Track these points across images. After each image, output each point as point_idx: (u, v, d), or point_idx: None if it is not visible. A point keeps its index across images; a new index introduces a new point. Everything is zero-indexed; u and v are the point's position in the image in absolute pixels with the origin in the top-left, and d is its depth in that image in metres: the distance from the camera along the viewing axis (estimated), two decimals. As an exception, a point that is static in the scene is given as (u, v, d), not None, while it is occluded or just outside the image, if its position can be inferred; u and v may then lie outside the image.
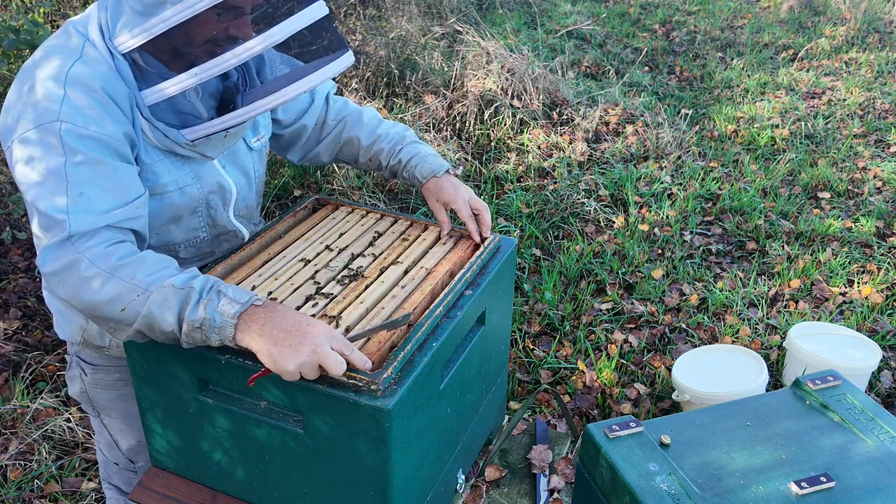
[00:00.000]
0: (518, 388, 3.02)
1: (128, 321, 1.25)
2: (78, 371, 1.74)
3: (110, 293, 1.24)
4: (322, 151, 1.88)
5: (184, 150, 1.44)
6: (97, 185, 1.28)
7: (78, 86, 1.30)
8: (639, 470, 1.46)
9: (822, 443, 1.53)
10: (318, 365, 1.22)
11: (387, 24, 5.85)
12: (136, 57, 1.35)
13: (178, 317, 1.23)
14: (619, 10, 8.10)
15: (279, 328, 1.22)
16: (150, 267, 1.27)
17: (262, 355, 1.22)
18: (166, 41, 1.34)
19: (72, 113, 1.28)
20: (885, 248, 3.99)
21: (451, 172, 1.81)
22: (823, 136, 5.29)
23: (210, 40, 1.34)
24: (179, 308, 1.23)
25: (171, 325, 1.23)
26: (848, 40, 7.27)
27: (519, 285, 3.60)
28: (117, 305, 1.24)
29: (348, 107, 1.87)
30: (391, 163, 1.82)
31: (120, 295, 1.24)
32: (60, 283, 1.26)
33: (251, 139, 1.66)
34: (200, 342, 1.25)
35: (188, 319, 1.22)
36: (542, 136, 5.01)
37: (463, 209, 1.74)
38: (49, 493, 2.47)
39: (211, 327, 1.22)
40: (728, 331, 3.33)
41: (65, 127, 1.27)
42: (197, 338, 1.24)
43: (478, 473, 1.90)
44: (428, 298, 1.53)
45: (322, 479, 1.40)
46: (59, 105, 1.28)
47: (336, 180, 4.25)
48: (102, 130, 1.30)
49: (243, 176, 1.64)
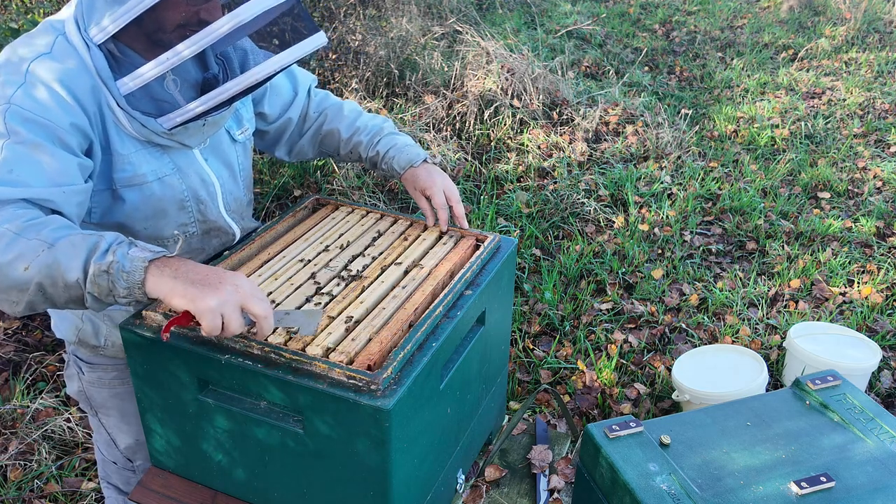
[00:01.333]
0: (518, 388, 3.02)
1: (29, 282, 1.18)
2: (76, 370, 1.75)
3: (14, 252, 1.17)
4: (305, 144, 1.89)
5: (162, 139, 1.45)
6: (29, 166, 1.26)
7: (36, 75, 1.32)
8: (639, 470, 1.46)
9: (822, 443, 1.53)
10: (241, 308, 1.18)
11: (387, 24, 5.85)
12: (111, 47, 1.37)
13: (85, 263, 1.16)
14: (619, 10, 8.11)
15: (194, 273, 1.18)
16: (57, 225, 1.22)
17: (176, 296, 1.15)
18: (138, 29, 1.35)
19: (23, 98, 1.30)
20: (885, 248, 3.99)
21: (428, 161, 1.81)
22: (823, 136, 5.29)
23: (181, 24, 1.35)
24: (87, 254, 1.17)
25: (76, 272, 1.16)
26: (848, 40, 7.27)
27: (519, 285, 3.60)
28: (21, 264, 1.17)
29: (329, 99, 1.88)
30: (370, 154, 1.83)
31: (24, 253, 1.17)
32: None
33: (235, 131, 1.66)
34: (106, 293, 1.17)
35: (95, 263, 1.16)
36: (542, 136, 5.01)
37: (436, 196, 1.74)
38: (49, 493, 2.47)
39: (119, 272, 1.15)
40: (728, 331, 3.33)
41: (11, 108, 1.28)
42: (103, 285, 1.16)
43: (478, 473, 1.90)
44: (429, 298, 1.53)
45: (322, 479, 1.40)
46: (14, 90, 1.30)
47: (336, 180, 4.25)
48: (48, 117, 1.30)
49: (226, 168, 1.64)
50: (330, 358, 1.34)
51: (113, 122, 1.40)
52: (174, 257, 1.22)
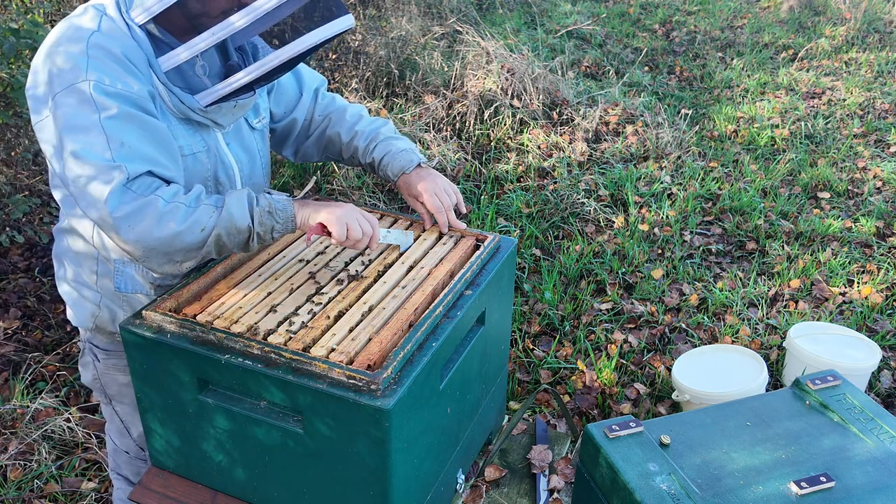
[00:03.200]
0: (518, 388, 3.02)
1: (205, 239, 1.42)
2: (91, 358, 1.75)
3: (190, 220, 1.39)
4: (311, 147, 1.90)
5: (198, 115, 1.51)
6: (134, 136, 1.37)
7: (99, 50, 1.37)
8: (639, 470, 1.46)
9: (821, 443, 1.53)
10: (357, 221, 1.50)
11: (387, 24, 5.85)
12: (151, 28, 1.44)
13: (250, 210, 1.44)
14: (619, 10, 8.11)
15: (324, 204, 1.52)
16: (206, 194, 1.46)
17: (318, 214, 1.49)
18: (181, 13, 1.43)
19: (98, 72, 1.35)
20: (884, 248, 3.99)
21: (422, 165, 1.81)
22: (823, 136, 5.29)
23: (225, 11, 1.40)
24: (249, 204, 1.45)
25: (246, 218, 1.44)
26: (848, 40, 7.27)
27: (519, 285, 3.60)
28: (197, 227, 1.40)
29: (335, 103, 1.88)
30: (367, 161, 1.84)
31: (199, 219, 1.40)
32: (131, 226, 1.36)
33: (253, 119, 1.70)
34: (269, 229, 1.47)
35: (259, 207, 1.45)
36: (542, 136, 5.01)
37: (428, 200, 1.75)
38: (49, 493, 2.47)
39: (276, 210, 1.47)
40: (728, 331, 3.33)
41: (93, 84, 1.34)
42: (266, 224, 1.46)
43: (478, 473, 1.90)
44: (429, 298, 1.53)
45: (322, 479, 1.40)
46: (86, 66, 1.35)
47: (336, 180, 4.25)
48: (127, 88, 1.38)
49: (246, 153, 1.69)
50: (330, 358, 1.34)
51: (157, 95, 1.46)
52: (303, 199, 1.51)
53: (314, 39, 1.40)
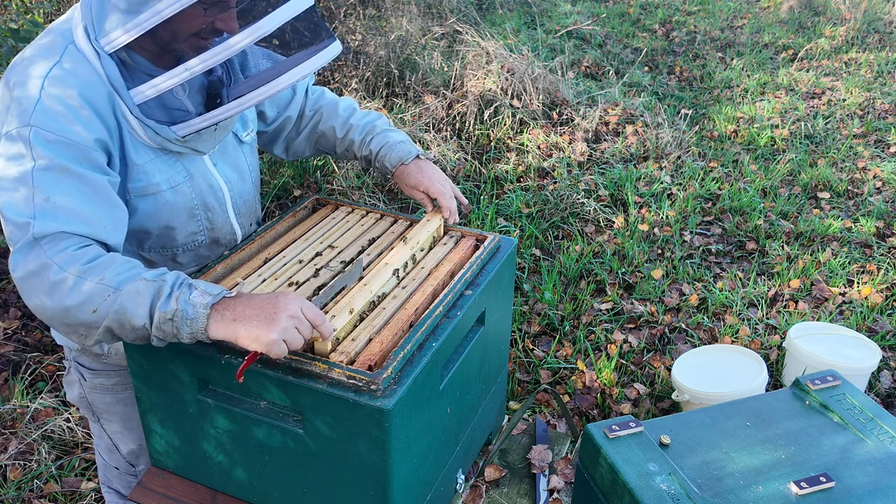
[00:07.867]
0: (518, 388, 3.02)
1: (98, 322, 1.24)
2: (77, 376, 1.73)
3: (81, 296, 1.23)
4: (302, 143, 1.87)
5: (176, 146, 1.45)
6: (62, 192, 1.27)
7: (53, 90, 1.30)
8: (639, 470, 1.46)
9: (821, 443, 1.53)
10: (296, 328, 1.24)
11: (387, 24, 5.85)
12: (123, 56, 1.35)
13: (150, 310, 1.22)
14: (619, 10, 8.10)
15: (251, 308, 1.23)
16: (119, 267, 1.26)
17: (241, 339, 1.22)
18: (151, 39, 1.33)
19: (43, 118, 1.28)
20: (884, 248, 3.99)
21: (420, 157, 1.79)
22: (823, 136, 5.29)
23: (195, 34, 1.34)
24: (151, 301, 1.22)
25: (142, 318, 1.22)
26: (848, 40, 7.27)
27: (519, 285, 3.60)
28: (89, 307, 1.23)
29: (325, 97, 1.86)
30: (364, 153, 1.82)
31: (91, 297, 1.23)
32: (31, 289, 1.25)
33: (241, 133, 1.66)
34: (171, 336, 1.24)
35: (160, 311, 1.22)
36: (542, 136, 5.01)
37: (431, 187, 1.73)
38: (48, 493, 2.47)
39: (183, 319, 1.22)
40: (728, 331, 3.33)
41: (34, 131, 1.27)
42: (168, 331, 1.23)
43: (478, 473, 1.90)
44: (429, 298, 1.53)
45: (322, 479, 1.40)
46: (32, 109, 1.28)
47: (336, 180, 4.25)
48: (72, 137, 1.29)
49: (235, 171, 1.64)
50: (330, 358, 1.34)
51: (128, 131, 1.39)
52: (232, 297, 1.25)
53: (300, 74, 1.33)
